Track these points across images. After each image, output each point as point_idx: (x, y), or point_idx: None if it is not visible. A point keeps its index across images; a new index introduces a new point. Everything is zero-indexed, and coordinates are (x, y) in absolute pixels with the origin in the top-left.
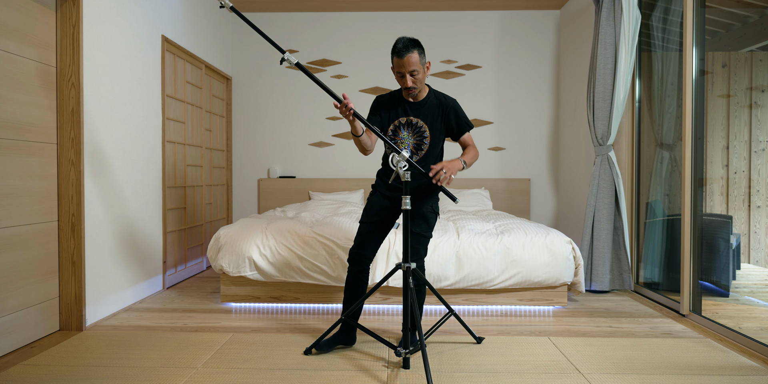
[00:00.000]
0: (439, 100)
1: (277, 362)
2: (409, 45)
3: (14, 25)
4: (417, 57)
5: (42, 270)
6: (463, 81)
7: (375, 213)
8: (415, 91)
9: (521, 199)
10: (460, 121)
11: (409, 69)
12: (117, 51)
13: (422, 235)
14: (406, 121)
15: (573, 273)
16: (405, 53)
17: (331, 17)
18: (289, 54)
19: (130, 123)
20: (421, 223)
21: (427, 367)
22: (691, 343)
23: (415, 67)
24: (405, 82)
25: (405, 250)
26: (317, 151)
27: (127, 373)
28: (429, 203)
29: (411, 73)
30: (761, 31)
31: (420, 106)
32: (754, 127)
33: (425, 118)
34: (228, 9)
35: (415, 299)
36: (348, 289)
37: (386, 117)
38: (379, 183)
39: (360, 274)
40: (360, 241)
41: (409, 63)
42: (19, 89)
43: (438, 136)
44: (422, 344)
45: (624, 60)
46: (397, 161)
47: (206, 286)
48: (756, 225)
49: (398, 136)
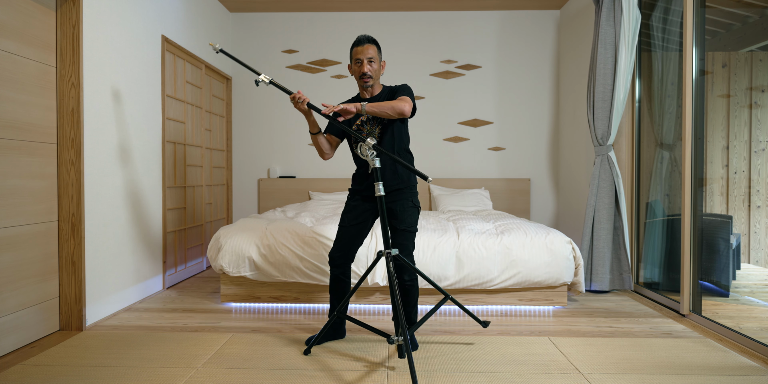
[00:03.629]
0: (390, 88)
1: (277, 362)
2: (369, 38)
3: (14, 25)
4: (375, 49)
5: (42, 270)
6: (463, 81)
7: (354, 217)
8: (370, 81)
9: (521, 199)
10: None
11: (367, 56)
12: (117, 51)
13: (407, 230)
14: (366, 119)
15: (573, 273)
16: (365, 42)
17: (331, 17)
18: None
19: (130, 123)
20: (405, 219)
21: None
22: (691, 343)
23: (373, 55)
24: (362, 67)
25: (385, 237)
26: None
27: (127, 373)
28: (408, 198)
29: (369, 60)
30: (761, 31)
31: (376, 99)
32: (754, 127)
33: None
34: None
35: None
36: (333, 291)
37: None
38: (356, 187)
39: (342, 275)
40: (340, 245)
41: (368, 51)
42: (19, 89)
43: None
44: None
45: (624, 60)
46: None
47: (206, 286)
48: (756, 225)
49: (363, 132)
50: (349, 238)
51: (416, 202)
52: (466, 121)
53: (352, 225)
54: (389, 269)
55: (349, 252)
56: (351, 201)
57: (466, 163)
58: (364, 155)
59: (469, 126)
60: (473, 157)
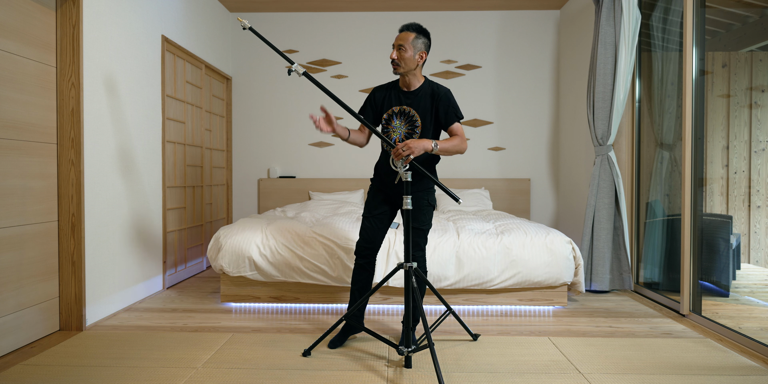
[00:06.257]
0: (432, 89)
1: (277, 362)
2: (411, 25)
3: (14, 25)
4: (411, 36)
5: (42, 270)
6: (463, 81)
7: (375, 207)
8: (398, 69)
9: (521, 199)
10: (449, 110)
11: (398, 42)
12: (117, 51)
13: (420, 228)
14: (399, 110)
15: (573, 273)
16: (403, 29)
17: (331, 17)
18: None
19: (130, 123)
20: (418, 217)
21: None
22: (691, 343)
23: (404, 43)
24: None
25: (407, 250)
26: (317, 151)
27: (127, 373)
28: (425, 197)
29: (399, 47)
30: (761, 31)
31: (413, 95)
32: (754, 127)
33: (417, 107)
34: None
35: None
36: (355, 281)
37: (380, 105)
38: (376, 177)
39: (367, 265)
40: (365, 234)
41: (401, 37)
42: (19, 89)
43: (428, 126)
44: (430, 343)
45: (624, 60)
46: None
47: (206, 286)
48: (756, 225)
49: (391, 125)
50: (370, 227)
51: (432, 200)
52: (466, 121)
53: (374, 215)
54: (408, 283)
55: (374, 241)
56: (371, 190)
57: (466, 163)
58: (396, 167)
59: (469, 126)
60: (473, 157)
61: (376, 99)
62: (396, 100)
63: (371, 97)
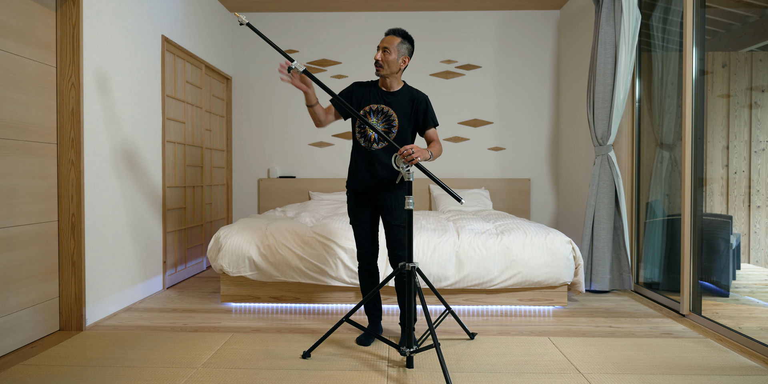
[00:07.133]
0: (412, 93)
1: (277, 362)
2: (397, 30)
3: (14, 25)
4: (396, 41)
5: (42, 270)
6: (463, 81)
7: (360, 213)
8: (380, 70)
9: (521, 199)
10: (427, 115)
11: (383, 45)
12: (117, 51)
13: (402, 226)
14: (377, 108)
15: (573, 273)
16: (389, 33)
17: (331, 17)
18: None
19: (130, 123)
20: (399, 215)
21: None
22: (691, 343)
23: (389, 46)
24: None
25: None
26: (317, 151)
27: (127, 373)
28: (402, 193)
29: (384, 49)
30: (761, 31)
31: (393, 95)
32: (754, 127)
33: (396, 108)
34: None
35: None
36: (364, 284)
37: (358, 101)
38: (348, 182)
39: (370, 269)
40: (361, 240)
41: (386, 40)
42: (19, 89)
43: (406, 127)
44: (436, 343)
45: (624, 60)
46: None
47: (206, 286)
48: (756, 225)
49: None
50: (362, 233)
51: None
52: (466, 121)
53: (360, 221)
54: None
55: (373, 245)
56: (349, 198)
57: (466, 163)
58: (398, 167)
59: (469, 126)
60: (473, 157)
61: (354, 93)
62: (375, 98)
63: (349, 90)
